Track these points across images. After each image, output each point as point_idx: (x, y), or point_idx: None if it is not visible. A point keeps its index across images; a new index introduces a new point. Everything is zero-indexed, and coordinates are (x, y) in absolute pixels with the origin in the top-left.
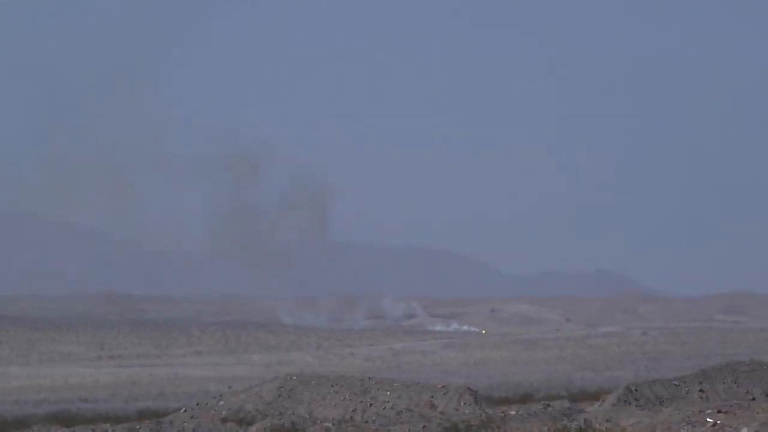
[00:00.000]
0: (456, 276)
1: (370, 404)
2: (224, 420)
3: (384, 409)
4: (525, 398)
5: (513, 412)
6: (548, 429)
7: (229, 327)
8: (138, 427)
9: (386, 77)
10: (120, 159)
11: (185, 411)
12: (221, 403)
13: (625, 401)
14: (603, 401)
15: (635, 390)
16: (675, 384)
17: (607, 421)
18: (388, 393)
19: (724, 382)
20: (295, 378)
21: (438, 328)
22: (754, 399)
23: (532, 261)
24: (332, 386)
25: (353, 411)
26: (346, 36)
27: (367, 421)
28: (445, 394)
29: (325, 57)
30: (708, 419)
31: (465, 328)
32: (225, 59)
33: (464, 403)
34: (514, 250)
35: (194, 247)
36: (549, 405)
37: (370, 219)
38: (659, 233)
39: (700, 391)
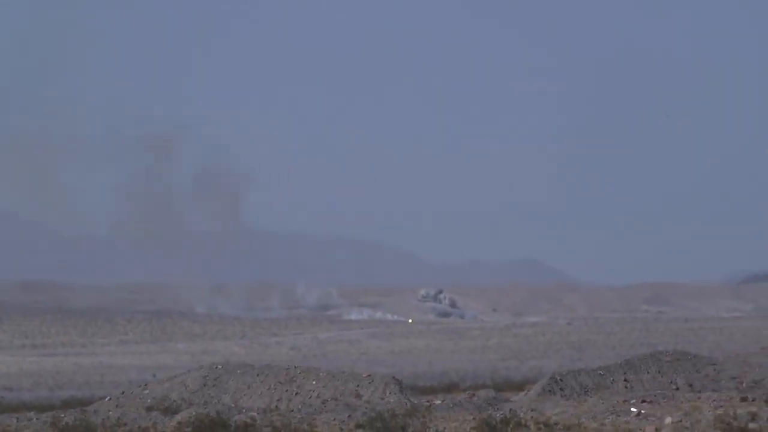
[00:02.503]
0: (381, 265)
1: (296, 393)
2: (149, 409)
3: (309, 398)
4: (450, 388)
5: (438, 402)
6: (473, 418)
7: (154, 316)
8: (63, 415)
9: (313, 61)
10: (33, 141)
11: (110, 399)
12: (146, 391)
13: (550, 391)
14: (528, 391)
15: (560, 380)
16: (600, 374)
17: (532, 411)
18: (314, 382)
19: (648, 372)
20: (220, 367)
21: (353, 316)
22: (677, 389)
23: (458, 251)
24: (257, 375)
25: (278, 400)
26: (269, 14)
27: (292, 410)
28: (370, 383)
29: (248, 37)
30: (632, 409)
31: (389, 316)
32: (143, 40)
33: (389, 393)
34: (440, 240)
35: (111, 233)
36: (474, 394)
37: (295, 208)
38: (583, 223)
39: (625, 380)
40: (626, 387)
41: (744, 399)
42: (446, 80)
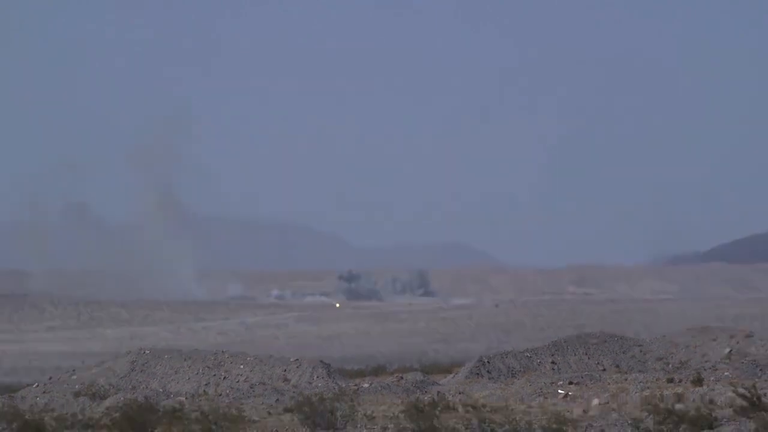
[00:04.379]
0: (307, 249)
1: (224, 378)
2: (77, 394)
3: (237, 382)
4: (378, 371)
5: (366, 385)
6: (401, 402)
7: (82, 302)
8: None
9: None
10: None
11: (37, 386)
12: (74, 377)
13: (478, 373)
14: (456, 374)
15: (488, 362)
16: (527, 356)
17: (459, 394)
18: (242, 367)
19: (575, 354)
20: (148, 352)
21: (272, 299)
22: (604, 370)
23: (385, 235)
24: (185, 360)
25: (206, 384)
26: None
27: (220, 395)
28: (298, 367)
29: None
30: (560, 390)
31: (319, 297)
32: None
33: (317, 377)
34: (366, 225)
35: (33, 217)
36: (402, 377)
37: (221, 191)
38: (509, 206)
39: (552, 362)
40: (553, 369)
41: (670, 380)
42: (379, 61)
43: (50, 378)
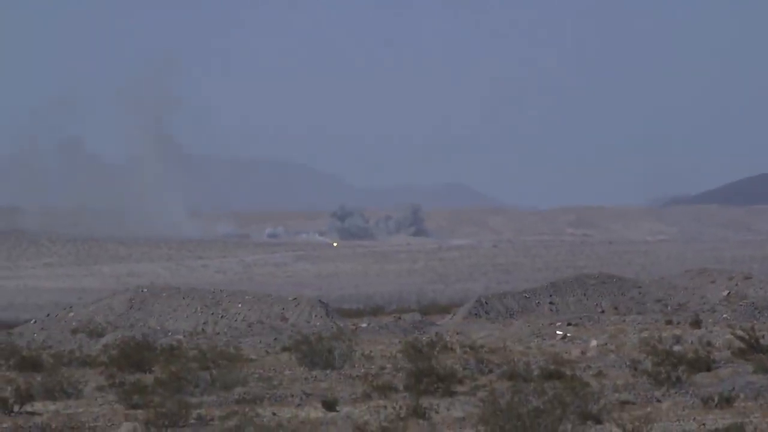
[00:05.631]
0: (306, 189)
1: (222, 316)
2: (74, 331)
3: (235, 321)
4: (376, 311)
5: (364, 325)
6: (399, 341)
7: (79, 238)
8: None
9: None
10: None
11: (35, 322)
12: (71, 314)
13: (476, 314)
14: (454, 314)
15: (486, 303)
16: (525, 296)
17: (457, 334)
18: (240, 305)
19: (573, 295)
20: (145, 290)
21: (264, 238)
22: (603, 312)
23: (384, 175)
24: (183, 298)
25: (204, 323)
26: None
27: (218, 333)
28: (296, 306)
29: None
30: (558, 332)
31: (320, 238)
32: None
33: (315, 316)
34: (366, 165)
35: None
36: (400, 317)
37: (220, 131)
38: (508, 147)
39: (551, 303)
40: (552, 310)
41: (669, 322)
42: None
43: (48, 315)
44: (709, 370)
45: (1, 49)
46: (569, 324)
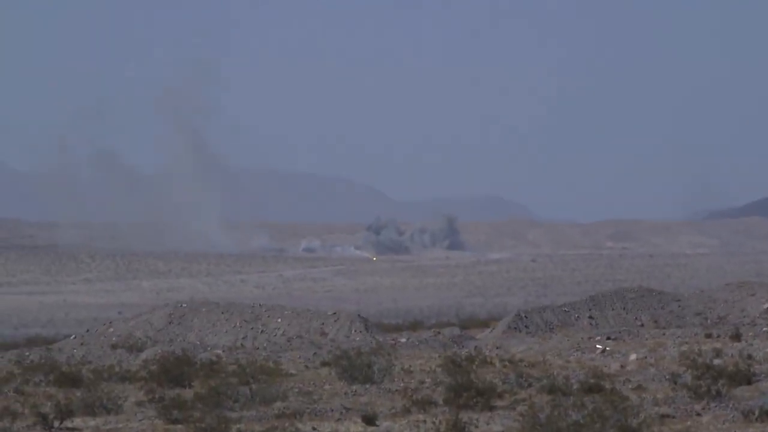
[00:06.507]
0: (344, 202)
1: (261, 331)
2: (114, 346)
3: (275, 336)
4: (415, 325)
5: (403, 339)
6: (438, 356)
7: (118, 254)
8: (28, 353)
9: None
10: None
11: (75, 338)
12: (111, 329)
13: (515, 328)
14: (493, 328)
15: (525, 317)
16: (565, 310)
17: (497, 348)
18: (279, 320)
19: (613, 309)
20: (185, 305)
21: (300, 251)
22: (642, 325)
23: (422, 188)
24: (222, 313)
25: (244, 338)
26: None
27: (257, 348)
28: (335, 321)
29: None
30: (597, 345)
31: (358, 252)
32: None
33: (355, 330)
34: (406, 177)
35: (68, 169)
36: (439, 332)
37: (259, 143)
38: (547, 160)
39: (590, 317)
40: (591, 324)
41: (708, 335)
42: (427, 16)
43: (87, 330)
44: (749, 383)
45: (31, 60)
46: (608, 338)
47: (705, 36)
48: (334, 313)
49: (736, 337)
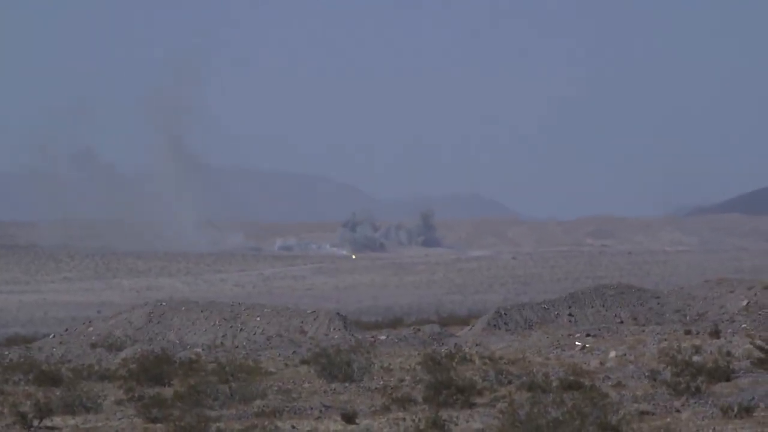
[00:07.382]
0: (324, 200)
1: (241, 330)
2: (93, 345)
3: (254, 334)
4: (395, 323)
5: (383, 337)
6: (418, 353)
7: (97, 253)
8: (7, 352)
9: None
10: None
11: (54, 337)
12: (90, 328)
13: (495, 325)
14: (473, 325)
15: (505, 314)
16: (544, 308)
17: (476, 345)
18: (258, 318)
19: (592, 306)
20: (164, 304)
21: (276, 250)
22: (622, 322)
23: (401, 186)
24: (202, 312)
25: (223, 336)
26: None
27: (237, 346)
28: (315, 319)
29: None
30: (577, 342)
31: (335, 250)
32: None
33: (334, 329)
34: (389, 176)
35: (42, 165)
36: (419, 329)
37: (233, 140)
38: (526, 157)
39: (569, 314)
40: (571, 321)
41: (688, 332)
42: (427, 16)
43: (67, 329)
44: (728, 380)
45: (12, 57)
46: (588, 335)
47: (681, 31)
48: (314, 312)
49: (715, 333)
